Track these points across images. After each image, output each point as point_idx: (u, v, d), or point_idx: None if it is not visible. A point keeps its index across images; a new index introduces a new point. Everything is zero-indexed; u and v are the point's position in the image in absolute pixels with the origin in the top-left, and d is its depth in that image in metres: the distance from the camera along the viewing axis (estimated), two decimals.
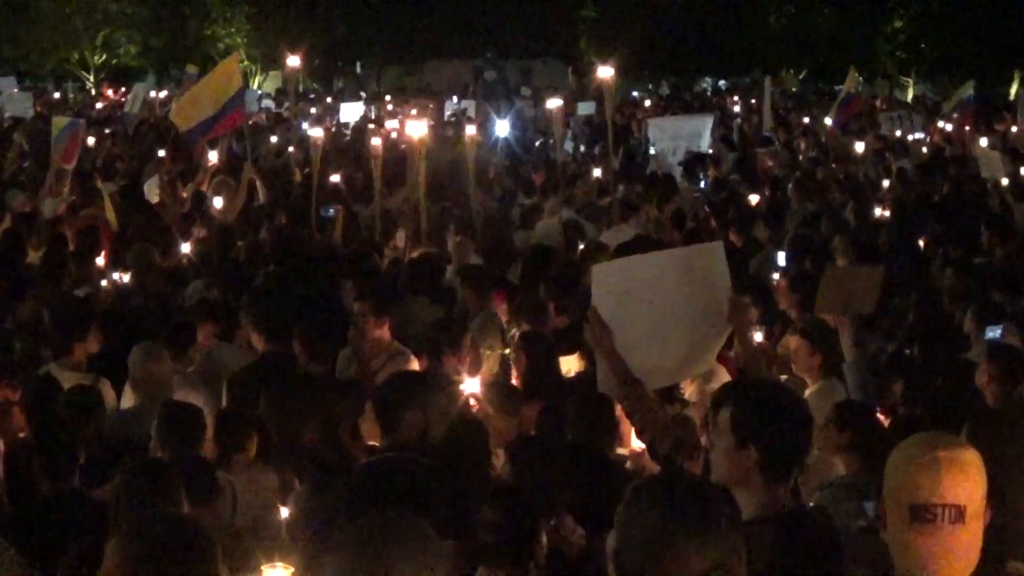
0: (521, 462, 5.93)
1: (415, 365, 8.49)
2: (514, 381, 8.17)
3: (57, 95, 39.38)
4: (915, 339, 9.37)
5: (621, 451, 7.14)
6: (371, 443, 6.37)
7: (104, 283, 11.26)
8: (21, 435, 7.21)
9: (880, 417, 7.25)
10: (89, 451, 6.81)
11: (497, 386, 7.70)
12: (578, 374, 8.29)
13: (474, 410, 7.31)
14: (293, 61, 18.48)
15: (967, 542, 3.74)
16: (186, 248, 12.90)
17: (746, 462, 4.31)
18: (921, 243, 13.54)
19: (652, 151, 21.98)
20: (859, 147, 21.75)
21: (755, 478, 4.31)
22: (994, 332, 9.39)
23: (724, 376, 7.62)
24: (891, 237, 13.40)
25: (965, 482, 3.73)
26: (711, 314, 6.75)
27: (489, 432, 6.49)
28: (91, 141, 22.33)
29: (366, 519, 3.61)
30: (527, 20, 49.87)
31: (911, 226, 14.09)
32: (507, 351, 9.22)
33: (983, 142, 22.18)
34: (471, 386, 7.56)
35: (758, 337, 8.80)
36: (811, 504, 5.83)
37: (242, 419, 7.14)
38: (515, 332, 9.28)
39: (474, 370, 8.18)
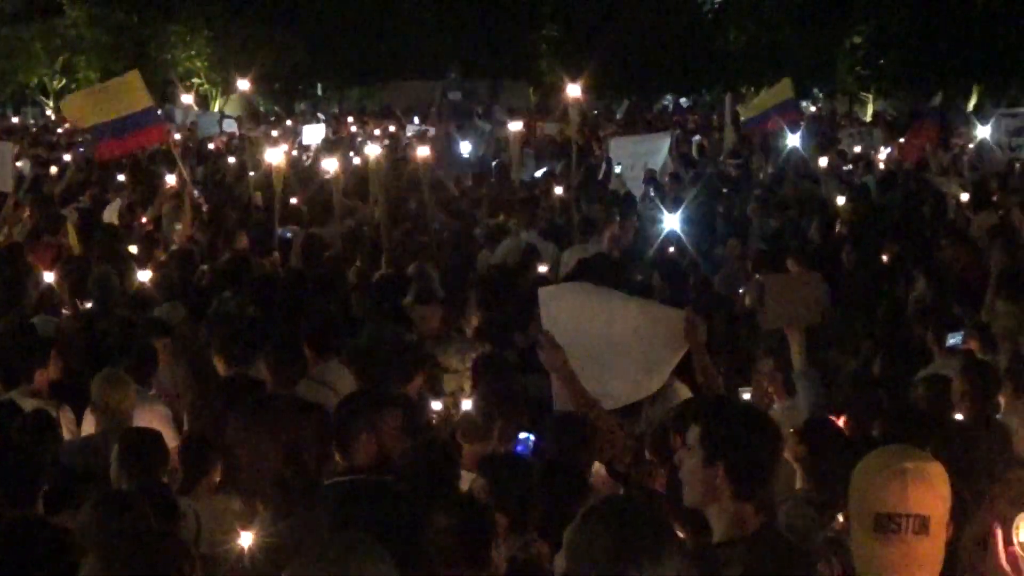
0: (494, 478, 5.91)
1: (347, 380, 8.42)
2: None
3: (16, 120, 39.13)
4: (879, 353, 9.39)
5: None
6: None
7: (65, 310, 11.18)
8: None
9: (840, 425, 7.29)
10: (49, 478, 6.73)
11: (465, 416, 7.66)
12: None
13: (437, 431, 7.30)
14: (243, 85, 18.46)
15: (930, 553, 3.77)
16: (145, 276, 12.77)
17: (714, 479, 4.30)
18: (884, 257, 13.62)
19: (617, 170, 22.01)
20: (822, 162, 21.87)
21: (724, 495, 4.31)
22: (955, 339, 9.46)
23: (686, 394, 7.64)
24: (853, 252, 13.47)
25: (930, 494, 3.77)
26: (667, 333, 6.78)
27: (457, 455, 6.44)
28: (53, 169, 22.25)
29: (328, 543, 3.60)
30: (489, 40, 49.96)
31: (872, 240, 14.16)
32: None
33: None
34: (434, 406, 7.55)
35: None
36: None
37: (206, 444, 7.10)
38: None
39: (434, 391, 8.17)
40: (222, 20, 47.79)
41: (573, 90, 16.49)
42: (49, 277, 11.94)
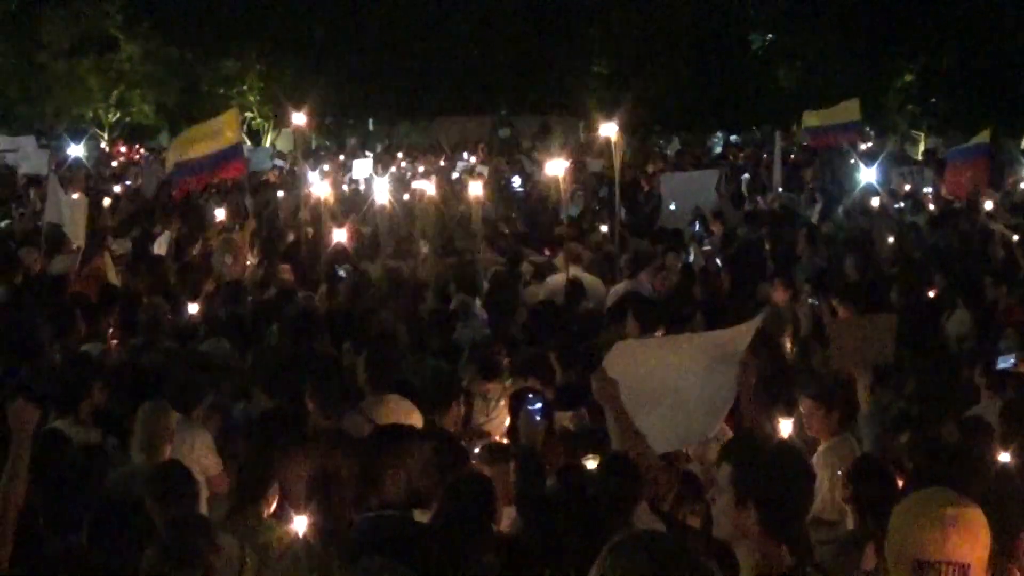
0: (531, 517, 5.89)
1: (392, 415, 8.41)
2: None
3: (71, 153, 39.58)
4: (924, 394, 9.31)
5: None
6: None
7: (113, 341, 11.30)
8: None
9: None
10: (94, 509, 6.77)
11: (490, 444, 7.68)
12: (563, 430, 8.23)
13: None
14: (299, 119, 18.64)
15: None
16: (193, 308, 12.87)
17: (746, 519, 4.28)
18: (931, 296, 13.53)
19: (672, 207, 21.93)
20: (873, 202, 21.78)
21: (755, 535, 4.28)
22: (1006, 362, 9.37)
23: (727, 433, 7.61)
24: (901, 291, 13.39)
25: (970, 540, 3.74)
26: (725, 382, 6.77)
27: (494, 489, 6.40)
28: (106, 201, 22.48)
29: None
30: (538, 76, 50.08)
31: (920, 279, 14.08)
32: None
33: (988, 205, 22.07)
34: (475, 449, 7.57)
35: None
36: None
37: (260, 472, 7.12)
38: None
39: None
40: (274, 55, 48.21)
41: (609, 128, 16.57)
42: None
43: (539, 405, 7.94)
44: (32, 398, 6.56)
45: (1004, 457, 7.50)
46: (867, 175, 23.27)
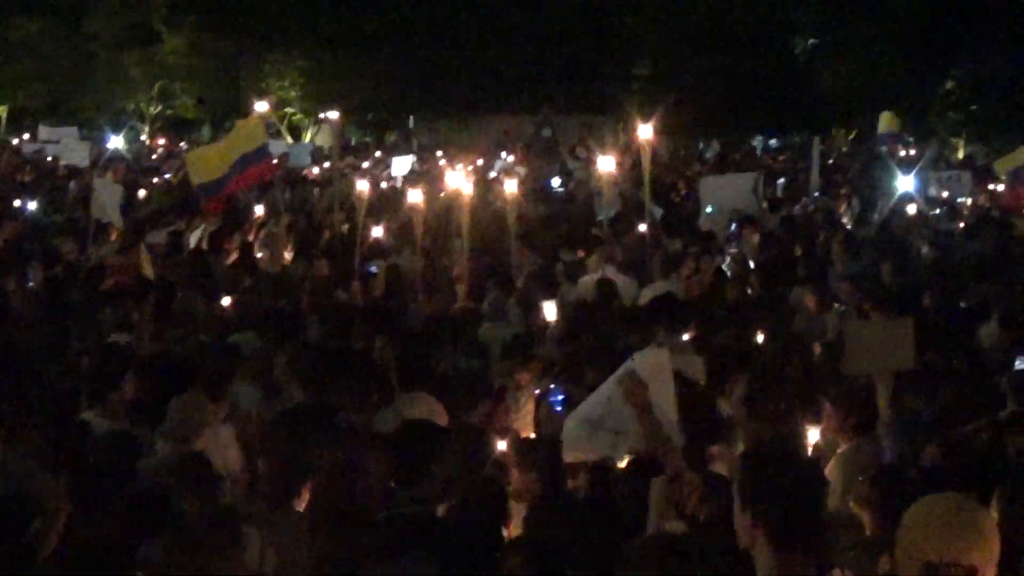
0: (538, 519, 5.92)
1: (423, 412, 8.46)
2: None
3: (111, 145, 39.83)
4: (953, 400, 9.29)
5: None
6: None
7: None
8: None
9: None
10: (124, 499, 6.84)
11: (516, 440, 7.72)
12: None
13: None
14: (332, 115, 18.74)
15: None
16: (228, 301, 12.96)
17: (749, 526, 4.29)
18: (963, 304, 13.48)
19: (709, 210, 21.83)
20: (910, 209, 21.66)
21: (761, 544, 4.28)
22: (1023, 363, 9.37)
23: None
24: (934, 298, 13.35)
25: (979, 544, 3.77)
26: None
27: (506, 489, 6.45)
28: (141, 192, 22.68)
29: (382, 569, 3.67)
30: (581, 78, 50.10)
31: (954, 287, 14.03)
32: None
33: None
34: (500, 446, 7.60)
35: None
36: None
37: (293, 469, 7.18)
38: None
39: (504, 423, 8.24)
40: (316, 51, 48.36)
41: (645, 130, 16.56)
42: None
43: (560, 397, 8.02)
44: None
45: None
46: (905, 182, 23.16)
